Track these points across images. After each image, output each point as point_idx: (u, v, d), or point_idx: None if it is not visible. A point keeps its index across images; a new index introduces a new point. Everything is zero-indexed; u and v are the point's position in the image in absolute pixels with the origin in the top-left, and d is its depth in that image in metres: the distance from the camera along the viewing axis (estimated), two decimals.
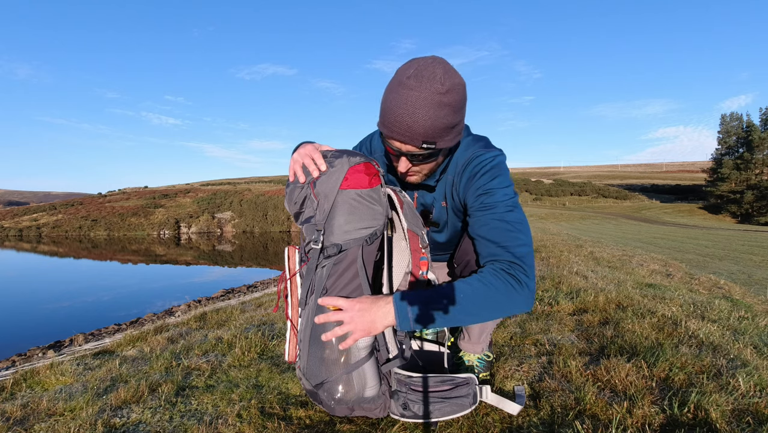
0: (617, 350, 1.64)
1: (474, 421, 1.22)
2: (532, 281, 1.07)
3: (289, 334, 1.27)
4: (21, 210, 49.95)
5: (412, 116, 1.03)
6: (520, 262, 1.07)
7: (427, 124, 1.04)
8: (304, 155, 1.17)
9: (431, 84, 1.02)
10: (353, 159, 1.14)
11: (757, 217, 45.03)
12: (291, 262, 1.25)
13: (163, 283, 14.11)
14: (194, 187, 57.62)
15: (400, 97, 1.04)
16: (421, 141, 1.06)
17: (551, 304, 2.48)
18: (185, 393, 1.54)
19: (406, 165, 1.15)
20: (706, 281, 4.14)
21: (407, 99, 1.03)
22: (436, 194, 1.32)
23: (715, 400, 1.22)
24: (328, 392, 1.17)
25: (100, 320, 7.71)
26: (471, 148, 1.24)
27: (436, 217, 1.37)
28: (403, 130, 1.06)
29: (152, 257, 23.87)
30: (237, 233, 41.79)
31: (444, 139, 1.09)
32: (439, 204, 1.33)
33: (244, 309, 3.16)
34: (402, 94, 1.04)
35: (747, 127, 51.51)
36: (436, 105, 1.03)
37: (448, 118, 1.06)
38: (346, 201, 1.13)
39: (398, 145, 1.10)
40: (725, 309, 2.51)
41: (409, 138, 1.06)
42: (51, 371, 1.87)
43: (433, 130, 1.05)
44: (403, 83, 1.04)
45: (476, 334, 1.47)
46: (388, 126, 1.09)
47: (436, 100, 1.03)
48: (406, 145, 1.09)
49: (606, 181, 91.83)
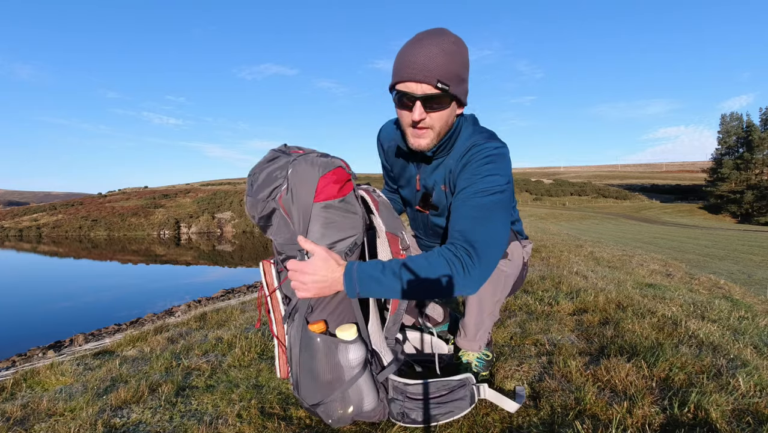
0: (617, 350, 1.64)
1: (474, 421, 1.22)
2: (477, 269, 1.06)
3: (278, 351, 1.25)
4: (21, 210, 49.95)
5: (427, 56, 1.10)
6: (470, 248, 1.07)
7: (441, 64, 1.10)
8: None
9: (444, 37, 1.12)
10: (319, 164, 1.08)
11: (757, 217, 45.01)
12: (268, 277, 1.21)
13: (163, 283, 14.11)
14: (194, 188, 57.62)
15: (415, 46, 1.12)
16: (437, 79, 1.10)
17: (551, 304, 2.48)
18: (185, 393, 1.54)
19: (420, 111, 1.15)
20: (706, 281, 4.14)
21: (422, 45, 1.11)
22: (437, 177, 1.32)
23: (715, 400, 1.22)
24: (326, 413, 1.15)
25: (100, 320, 7.72)
26: (474, 137, 1.25)
27: (436, 200, 1.37)
28: (420, 68, 1.10)
29: (152, 257, 23.88)
30: (237, 233, 41.79)
31: (456, 87, 1.14)
32: (439, 187, 1.34)
33: (244, 309, 3.15)
34: (416, 44, 1.12)
35: (747, 127, 51.49)
36: (449, 52, 1.11)
37: (459, 68, 1.13)
38: (320, 215, 1.09)
39: (414, 87, 1.12)
40: (725, 309, 2.51)
41: (426, 76, 1.10)
42: (51, 371, 1.87)
43: (447, 71, 1.11)
44: (416, 39, 1.13)
45: (472, 331, 1.46)
46: (405, 69, 1.12)
47: (449, 47, 1.11)
48: (421, 85, 1.11)
49: (606, 181, 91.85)
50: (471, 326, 1.45)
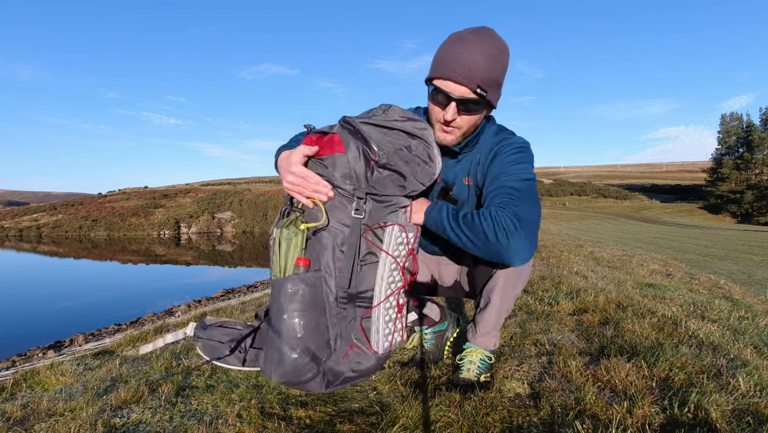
0: (617, 350, 1.64)
1: (474, 421, 1.22)
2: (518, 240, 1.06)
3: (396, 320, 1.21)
4: (21, 210, 49.95)
5: (472, 59, 1.08)
6: (515, 219, 1.07)
7: (484, 69, 1.09)
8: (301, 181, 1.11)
9: (491, 40, 1.10)
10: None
11: (757, 217, 45.01)
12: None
13: (163, 283, 14.11)
14: (194, 188, 57.63)
15: (461, 45, 1.09)
16: (477, 84, 1.09)
17: (551, 304, 2.48)
18: (185, 393, 1.54)
19: (453, 112, 1.14)
20: (706, 280, 4.14)
21: (467, 45, 1.08)
22: (459, 171, 1.33)
23: (715, 400, 1.22)
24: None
25: (100, 320, 7.71)
26: (501, 134, 1.29)
27: (456, 194, 1.37)
28: (463, 70, 1.08)
29: (152, 257, 23.88)
30: (237, 233, 41.80)
31: (493, 93, 1.14)
32: (461, 181, 1.34)
33: (244, 309, 3.15)
34: (462, 43, 1.09)
35: (747, 127, 51.49)
36: (493, 56, 1.10)
37: (500, 74, 1.12)
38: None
39: (452, 88, 1.11)
40: (725, 309, 2.51)
41: (467, 79, 1.09)
42: (51, 371, 1.87)
43: (488, 78, 1.10)
44: (461, 37, 1.11)
45: (491, 323, 1.40)
46: (446, 67, 1.11)
47: (494, 52, 1.10)
48: (460, 87, 1.11)
49: (606, 181, 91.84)
50: (491, 319, 1.40)
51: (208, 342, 1.27)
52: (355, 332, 1.18)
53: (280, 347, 1.11)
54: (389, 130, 1.11)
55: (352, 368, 1.20)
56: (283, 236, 1.10)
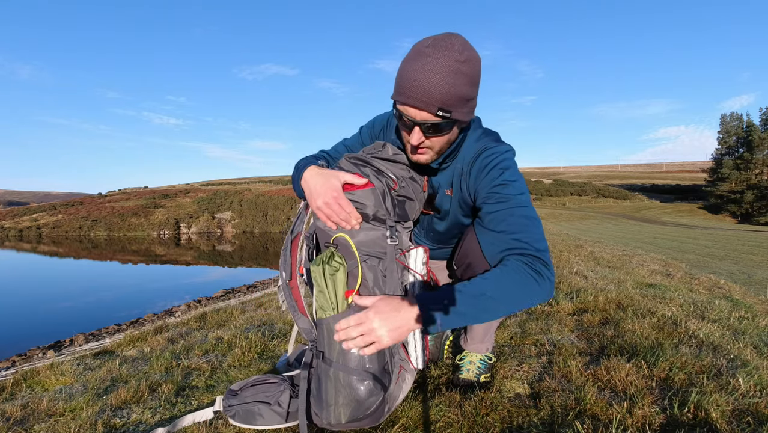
0: (617, 350, 1.64)
1: (474, 421, 1.22)
2: (553, 275, 1.07)
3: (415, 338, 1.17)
4: (21, 210, 49.95)
5: (429, 81, 1.01)
6: (541, 256, 1.06)
7: (443, 90, 1.02)
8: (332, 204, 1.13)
9: (449, 52, 1.01)
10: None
11: (757, 217, 45.00)
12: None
13: (163, 283, 14.10)
14: (194, 188, 57.63)
15: (417, 64, 1.02)
16: (437, 108, 1.03)
17: (551, 304, 2.48)
18: (185, 393, 1.54)
19: (419, 137, 1.09)
20: (706, 281, 4.13)
21: (424, 64, 1.02)
22: (442, 180, 1.30)
23: (715, 400, 1.22)
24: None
25: (100, 320, 7.71)
26: (483, 140, 1.23)
27: (438, 203, 1.34)
28: (419, 94, 1.02)
29: (152, 257, 23.88)
30: (237, 233, 41.80)
31: (459, 110, 1.06)
32: (442, 191, 1.31)
33: (244, 309, 3.15)
34: (419, 60, 1.03)
35: (747, 127, 51.47)
36: (453, 72, 1.01)
37: (464, 89, 1.04)
38: None
39: (413, 113, 1.05)
40: (725, 309, 2.51)
41: (425, 103, 1.03)
42: (51, 371, 1.87)
43: (450, 97, 1.03)
44: (420, 51, 1.03)
45: (480, 334, 1.45)
46: (403, 92, 1.05)
47: (453, 67, 1.01)
48: (421, 112, 1.04)
49: (606, 181, 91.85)
50: (479, 329, 1.44)
51: (241, 407, 1.22)
52: (399, 353, 1.23)
53: (350, 382, 1.10)
54: (393, 162, 1.24)
55: (402, 389, 1.24)
56: (326, 273, 1.11)
